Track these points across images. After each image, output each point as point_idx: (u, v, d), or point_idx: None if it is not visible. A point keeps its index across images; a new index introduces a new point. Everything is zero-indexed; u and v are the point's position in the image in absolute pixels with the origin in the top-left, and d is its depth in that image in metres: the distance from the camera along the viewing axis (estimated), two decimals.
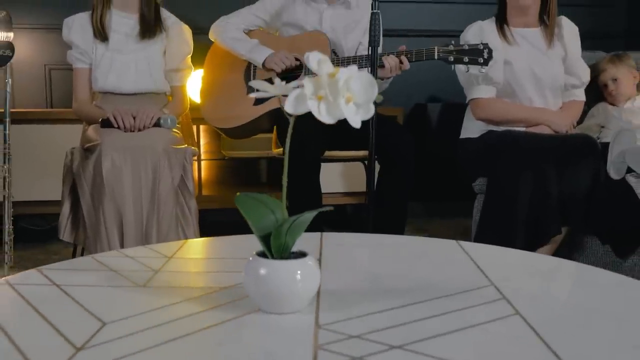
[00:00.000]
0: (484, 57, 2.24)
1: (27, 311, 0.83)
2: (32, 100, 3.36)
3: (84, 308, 0.84)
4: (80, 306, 0.85)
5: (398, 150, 2.31)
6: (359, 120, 0.82)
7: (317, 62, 0.82)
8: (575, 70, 2.53)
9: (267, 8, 2.56)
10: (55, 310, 0.84)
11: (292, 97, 0.81)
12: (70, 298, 0.88)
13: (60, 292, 0.91)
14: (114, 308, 0.85)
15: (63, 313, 0.83)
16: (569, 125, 2.48)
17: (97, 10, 2.38)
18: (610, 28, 3.85)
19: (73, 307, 0.85)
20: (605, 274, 1.02)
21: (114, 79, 2.38)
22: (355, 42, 2.54)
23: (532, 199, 2.19)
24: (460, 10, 3.70)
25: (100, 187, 2.08)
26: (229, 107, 2.48)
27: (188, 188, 2.22)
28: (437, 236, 3.21)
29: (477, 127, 2.51)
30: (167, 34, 2.45)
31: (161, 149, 2.14)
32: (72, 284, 0.95)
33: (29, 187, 2.99)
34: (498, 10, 2.54)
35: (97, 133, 2.21)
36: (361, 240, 1.25)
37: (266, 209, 0.86)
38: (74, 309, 0.85)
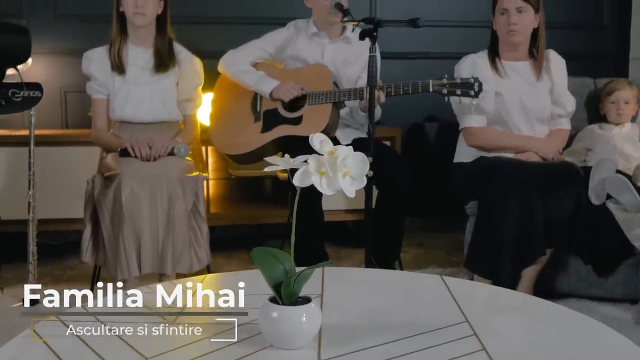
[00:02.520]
0: (475, 90, 2.41)
1: (80, 347, 1.01)
2: (49, 122, 3.53)
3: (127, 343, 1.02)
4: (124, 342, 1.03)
5: (395, 179, 2.49)
6: (353, 190, 1.00)
7: (319, 142, 1.00)
8: (562, 101, 2.70)
9: (272, 42, 2.75)
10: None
11: (298, 173, 0.99)
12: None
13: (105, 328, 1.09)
14: (152, 344, 1.03)
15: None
16: (555, 152, 2.65)
17: (115, 45, 2.56)
18: (600, 49, 4.02)
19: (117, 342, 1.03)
20: (567, 313, 1.19)
21: (131, 109, 2.56)
22: (354, 75, 2.73)
23: (518, 222, 2.37)
24: (456, 34, 3.87)
25: (119, 213, 2.26)
26: (237, 134, 2.67)
27: (200, 213, 2.40)
28: (433, 250, 3.43)
29: (470, 152, 2.69)
30: (180, 67, 2.63)
31: (176, 177, 2.32)
32: (114, 321, 1.12)
33: (46, 205, 3.16)
34: (490, 44, 2.71)
35: (116, 162, 2.39)
36: (358, 276, 1.43)
37: (277, 261, 1.04)
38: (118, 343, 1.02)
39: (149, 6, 2.51)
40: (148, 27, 2.57)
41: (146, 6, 2.50)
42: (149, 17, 2.53)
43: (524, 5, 2.57)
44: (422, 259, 3.32)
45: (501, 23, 2.61)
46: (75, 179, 3.03)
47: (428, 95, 3.69)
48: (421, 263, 3.24)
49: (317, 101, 2.58)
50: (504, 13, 2.59)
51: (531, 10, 2.59)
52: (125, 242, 2.25)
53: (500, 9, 2.60)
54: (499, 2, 2.62)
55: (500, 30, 2.63)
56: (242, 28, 3.59)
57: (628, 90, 2.83)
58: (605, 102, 2.86)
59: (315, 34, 2.73)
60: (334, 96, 2.56)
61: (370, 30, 2.18)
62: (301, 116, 2.60)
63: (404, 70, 3.77)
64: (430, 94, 3.58)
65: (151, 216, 2.28)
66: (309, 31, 2.73)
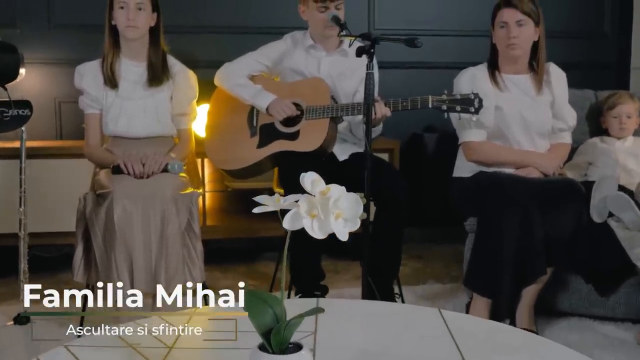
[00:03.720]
0: (475, 107, 2.37)
1: None
2: (43, 132, 3.49)
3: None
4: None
5: (392, 195, 2.45)
6: (346, 232, 0.95)
7: (310, 182, 0.95)
8: (563, 114, 2.66)
9: (269, 54, 2.70)
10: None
11: (288, 216, 0.94)
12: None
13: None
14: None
15: None
16: (556, 167, 2.60)
17: (108, 59, 2.52)
18: (601, 58, 3.98)
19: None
20: (570, 355, 1.15)
21: (124, 124, 2.51)
22: (351, 89, 2.68)
23: (518, 241, 2.33)
24: (454, 43, 3.83)
25: (112, 232, 2.22)
26: (233, 149, 2.62)
27: (194, 231, 2.36)
28: (432, 263, 3.38)
29: (469, 167, 2.64)
30: (174, 81, 2.58)
31: (169, 195, 2.28)
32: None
33: (40, 218, 3.12)
34: (490, 57, 2.67)
35: (108, 179, 2.34)
36: (353, 310, 1.38)
37: (266, 305, 0.99)
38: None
39: (141, 19, 2.46)
40: (141, 40, 2.52)
41: (138, 19, 2.45)
42: (142, 30, 2.49)
43: (524, 19, 2.52)
44: (421, 272, 3.27)
45: (501, 36, 2.56)
46: (70, 192, 2.98)
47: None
48: (420, 277, 3.19)
49: (315, 116, 2.53)
50: (503, 26, 2.55)
51: (531, 23, 2.55)
52: (117, 260, 2.21)
53: (500, 22, 2.56)
54: (499, 16, 2.57)
55: (500, 43, 2.58)
56: (238, 38, 3.55)
57: (630, 104, 2.79)
58: (607, 116, 2.81)
59: (312, 46, 2.69)
60: (332, 111, 2.52)
61: (367, 47, 2.13)
62: (298, 131, 2.56)
63: (402, 80, 3.73)
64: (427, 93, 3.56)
65: (144, 235, 2.23)
66: (306, 44, 2.69)
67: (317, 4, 2.57)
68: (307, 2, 2.61)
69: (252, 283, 3.11)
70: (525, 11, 2.53)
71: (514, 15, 2.53)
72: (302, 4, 2.65)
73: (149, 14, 2.50)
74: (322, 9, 2.57)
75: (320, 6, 2.57)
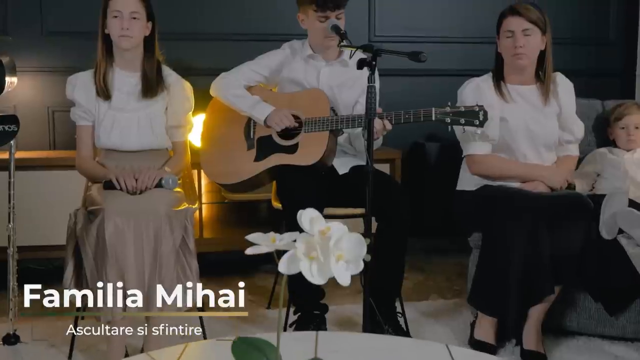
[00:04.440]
0: (480, 119, 2.29)
1: None
2: (36, 142, 3.41)
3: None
4: None
5: (394, 210, 2.37)
6: (348, 276, 0.87)
7: (309, 220, 0.87)
8: (570, 126, 2.57)
9: (267, 64, 2.61)
10: None
11: (284, 258, 0.86)
12: None
13: None
14: None
15: None
16: (562, 180, 2.52)
17: (100, 69, 2.43)
18: (606, 66, 3.90)
19: None
20: None
21: (117, 137, 2.43)
22: (351, 99, 2.59)
23: (525, 258, 2.25)
24: (457, 50, 3.75)
25: (103, 250, 2.13)
26: (229, 162, 2.54)
27: (189, 248, 2.27)
28: (434, 276, 3.29)
29: (473, 180, 2.56)
30: (169, 92, 2.49)
31: (163, 212, 2.19)
32: None
33: (31, 231, 3.04)
34: (495, 67, 2.59)
35: (100, 195, 2.26)
36: (355, 344, 1.30)
37: (260, 354, 0.91)
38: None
39: (136, 28, 2.38)
40: (135, 50, 2.44)
41: (133, 28, 2.37)
42: (136, 39, 2.40)
43: (531, 27, 2.45)
44: (423, 286, 3.19)
45: (507, 46, 2.48)
46: (62, 204, 2.91)
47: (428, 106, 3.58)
48: (422, 292, 3.11)
49: (314, 129, 2.45)
50: (509, 35, 2.47)
51: (538, 32, 2.47)
52: (109, 279, 2.11)
53: (506, 31, 2.48)
54: (504, 24, 2.49)
55: (506, 53, 2.50)
56: (236, 45, 3.48)
57: (638, 115, 2.71)
58: (615, 128, 2.73)
59: (311, 56, 2.60)
60: (332, 123, 2.43)
61: (369, 60, 2.04)
62: (297, 144, 2.47)
63: (404, 88, 3.65)
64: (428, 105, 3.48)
65: (136, 254, 2.14)
66: (305, 53, 2.60)
67: (317, 14, 2.49)
68: (307, 12, 2.52)
69: (250, 298, 3.02)
70: (532, 19, 2.45)
71: (520, 23, 2.45)
72: (301, 13, 2.57)
73: (143, 23, 2.42)
74: (322, 19, 2.49)
75: (321, 16, 2.48)
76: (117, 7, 2.36)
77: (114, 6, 2.37)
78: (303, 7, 2.55)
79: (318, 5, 2.47)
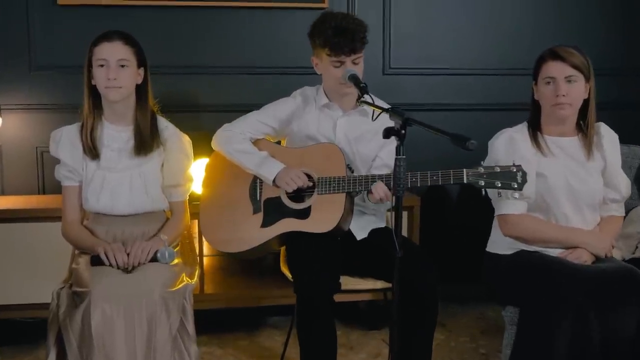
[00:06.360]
0: (518, 182, 2.00)
1: None
2: (23, 185, 3.13)
3: None
4: None
5: (422, 284, 2.09)
6: None
7: None
8: (616, 182, 2.29)
9: (276, 115, 2.33)
10: None
11: None
12: None
13: None
14: None
15: None
16: (608, 247, 2.23)
17: (87, 125, 2.16)
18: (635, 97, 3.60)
19: None
20: None
21: (106, 200, 2.16)
22: (371, 153, 2.32)
23: (571, 346, 1.96)
24: (475, 82, 3.46)
25: (89, 340, 1.86)
26: (233, 228, 2.25)
27: (188, 331, 1.99)
28: (457, 334, 3.00)
29: (507, 243, 2.28)
30: (165, 147, 2.22)
31: (157, 295, 1.91)
32: None
33: (19, 288, 2.78)
34: (531, 116, 2.30)
35: (87, 271, 1.98)
36: None
37: None
38: None
39: (125, 77, 2.11)
40: (125, 101, 2.16)
41: (121, 77, 2.09)
42: (125, 89, 2.13)
43: (574, 74, 2.16)
44: (445, 349, 2.89)
45: (547, 94, 2.19)
46: (50, 258, 2.65)
47: (448, 148, 3.29)
48: (445, 354, 2.82)
49: (328, 190, 2.16)
50: (550, 82, 2.18)
51: (582, 79, 2.18)
52: None
53: (546, 77, 2.19)
54: (544, 69, 2.20)
55: (545, 101, 2.21)
56: (243, 79, 3.18)
57: None
58: None
59: (326, 105, 2.32)
60: (348, 184, 2.14)
61: (397, 128, 1.74)
62: (309, 207, 2.18)
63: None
64: (448, 146, 3.19)
65: (127, 345, 1.87)
66: (319, 102, 2.32)
67: (330, 58, 2.21)
68: (321, 55, 2.24)
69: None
70: (575, 65, 2.17)
71: (563, 70, 2.16)
72: (315, 57, 2.29)
73: (133, 70, 2.14)
74: (336, 64, 2.21)
75: (335, 61, 2.20)
76: (102, 55, 2.09)
77: (99, 54, 2.09)
78: (316, 50, 2.27)
79: (332, 49, 2.19)
